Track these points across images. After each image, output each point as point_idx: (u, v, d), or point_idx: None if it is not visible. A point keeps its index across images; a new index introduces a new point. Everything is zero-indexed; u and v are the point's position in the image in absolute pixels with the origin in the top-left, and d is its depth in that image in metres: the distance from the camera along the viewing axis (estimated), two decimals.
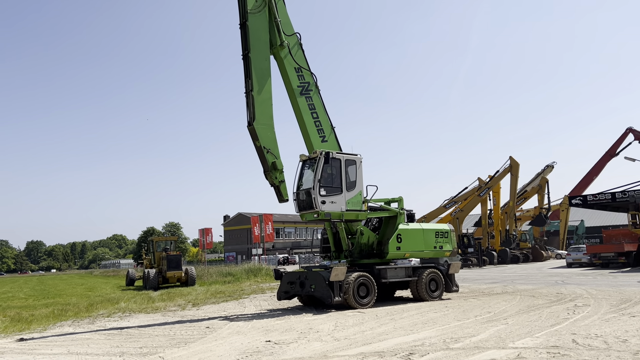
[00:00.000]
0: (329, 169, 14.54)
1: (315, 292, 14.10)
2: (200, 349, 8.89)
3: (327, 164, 14.39)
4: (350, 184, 14.88)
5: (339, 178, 14.71)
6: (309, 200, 14.37)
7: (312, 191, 14.20)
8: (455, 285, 16.36)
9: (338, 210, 14.48)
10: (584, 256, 32.39)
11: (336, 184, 14.66)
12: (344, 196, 14.65)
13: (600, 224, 63.02)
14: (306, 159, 15.10)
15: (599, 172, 59.45)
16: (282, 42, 14.82)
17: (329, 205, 14.30)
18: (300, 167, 15.22)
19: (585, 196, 32.38)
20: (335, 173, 14.71)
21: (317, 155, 14.47)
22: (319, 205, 14.11)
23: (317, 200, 14.11)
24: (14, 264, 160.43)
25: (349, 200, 14.72)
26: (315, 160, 14.49)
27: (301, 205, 14.84)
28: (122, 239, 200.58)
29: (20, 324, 13.67)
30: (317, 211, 14.14)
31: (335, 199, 14.48)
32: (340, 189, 14.65)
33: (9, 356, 9.03)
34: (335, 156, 14.67)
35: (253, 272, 34.29)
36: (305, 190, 14.67)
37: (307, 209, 14.57)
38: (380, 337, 9.26)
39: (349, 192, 14.78)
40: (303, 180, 15.04)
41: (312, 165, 14.73)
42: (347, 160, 14.97)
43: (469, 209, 42.87)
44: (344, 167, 14.81)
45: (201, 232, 68.29)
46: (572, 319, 10.37)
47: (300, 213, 15.05)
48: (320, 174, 14.25)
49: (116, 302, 19.38)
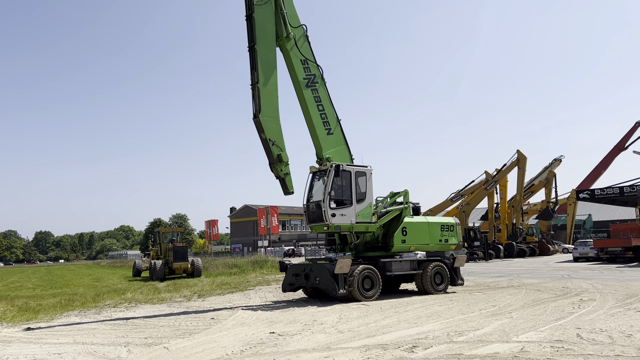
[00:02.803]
0: (339, 181, 14.52)
1: (320, 284, 14.13)
2: (205, 339, 8.94)
3: (337, 176, 14.36)
4: (360, 196, 14.82)
5: (349, 190, 14.67)
6: (319, 213, 14.36)
7: (322, 204, 14.21)
8: (460, 279, 16.34)
9: (348, 223, 14.46)
10: (591, 250, 32.26)
11: (346, 196, 14.64)
12: (354, 208, 14.61)
13: (607, 219, 62.71)
14: (316, 171, 15.08)
15: (607, 166, 59.02)
16: (288, 34, 14.76)
17: (339, 217, 14.30)
18: (310, 179, 15.20)
19: (593, 190, 32.12)
20: (346, 185, 14.68)
21: (328, 167, 14.46)
22: (329, 218, 14.13)
23: (327, 213, 14.12)
24: (23, 254, 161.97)
25: (359, 213, 14.69)
26: (326, 172, 14.50)
27: (311, 217, 14.85)
28: (130, 230, 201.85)
29: (27, 314, 13.81)
30: (327, 224, 14.16)
31: (346, 212, 14.47)
32: (350, 202, 14.62)
33: (16, 345, 9.12)
34: (346, 168, 14.65)
35: (259, 264, 34.43)
36: (315, 203, 14.68)
37: (317, 221, 14.59)
38: (384, 329, 9.28)
39: (359, 204, 14.74)
40: (313, 192, 15.05)
41: (322, 176, 14.74)
42: (357, 172, 14.92)
43: (475, 202, 42.73)
44: (354, 179, 14.77)
45: (207, 223, 68.63)
46: (577, 314, 10.33)
47: (310, 225, 15.08)
48: (330, 186, 14.25)
49: (123, 293, 19.54)
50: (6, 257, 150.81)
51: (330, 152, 15.07)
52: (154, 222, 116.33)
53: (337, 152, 15.25)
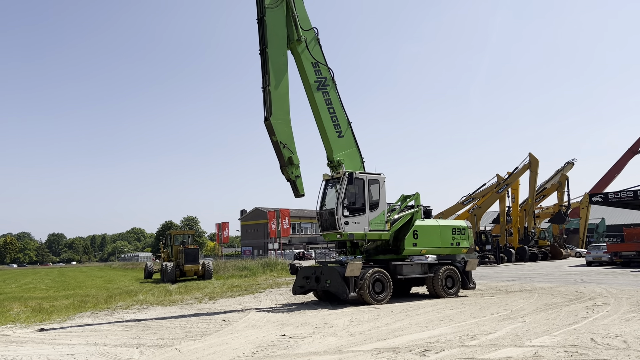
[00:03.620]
0: (352, 189, 14.52)
1: (331, 287, 14.11)
2: (216, 341, 8.96)
3: (350, 184, 14.38)
4: (373, 204, 14.80)
5: (362, 198, 14.65)
6: (332, 221, 14.36)
7: (335, 212, 14.20)
8: (472, 283, 16.24)
9: (361, 231, 14.44)
10: (604, 255, 31.92)
11: (359, 204, 14.62)
12: (367, 216, 14.58)
13: (621, 222, 61.89)
14: (329, 179, 15.07)
15: (620, 169, 58.49)
16: (300, 37, 14.80)
17: (352, 225, 14.29)
18: (323, 187, 15.21)
19: (606, 194, 31.80)
20: (359, 193, 14.67)
21: (341, 175, 14.46)
22: (342, 226, 14.12)
23: (340, 221, 14.11)
24: (36, 255, 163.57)
25: (372, 221, 14.66)
26: (339, 180, 14.49)
27: (324, 225, 14.85)
28: (141, 233, 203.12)
29: (41, 315, 13.93)
30: (341, 232, 14.16)
31: (359, 220, 14.45)
32: (363, 210, 14.59)
33: (30, 345, 9.21)
34: (359, 176, 14.65)
35: (269, 266, 34.47)
36: (328, 211, 14.68)
37: (330, 229, 14.58)
38: (396, 333, 9.24)
39: (372, 212, 14.71)
40: (326, 200, 15.05)
41: (335, 184, 14.73)
42: (370, 180, 14.90)
43: (487, 205, 42.46)
44: (367, 186, 14.75)
45: (218, 226, 68.86)
46: (591, 318, 10.22)
47: (323, 233, 15.09)
48: (343, 194, 14.25)
49: (134, 295, 19.65)
50: (20, 259, 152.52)
51: (341, 155, 15.06)
52: (165, 225, 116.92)
53: (348, 155, 15.23)
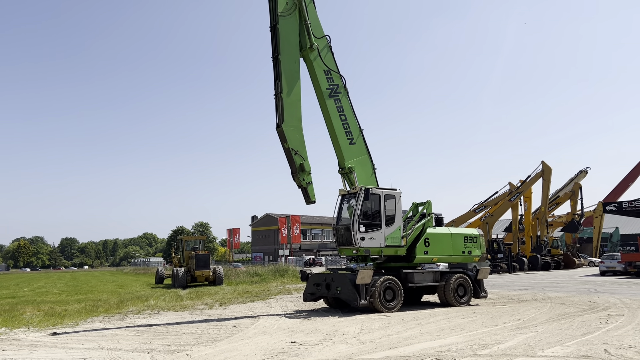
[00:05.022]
0: (368, 205, 14.52)
1: (341, 294, 14.08)
2: (226, 347, 8.99)
3: (366, 199, 14.38)
4: (389, 219, 14.78)
5: (379, 214, 14.65)
6: (348, 236, 14.36)
7: (351, 227, 14.20)
8: (483, 291, 16.11)
9: (377, 247, 14.42)
10: (618, 264, 31.52)
11: (376, 219, 14.61)
12: (383, 232, 14.56)
13: (635, 232, 61.07)
14: (345, 194, 15.10)
15: (635, 178, 57.81)
16: (312, 44, 14.87)
17: (368, 241, 14.27)
18: (339, 202, 15.23)
19: (620, 203, 31.61)
20: (375, 208, 14.66)
21: (357, 191, 14.47)
22: (358, 242, 14.11)
23: (356, 236, 14.10)
24: (49, 259, 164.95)
25: (388, 236, 14.64)
26: (355, 195, 14.50)
27: (340, 240, 14.87)
28: (153, 238, 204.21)
29: (53, 319, 14.07)
30: (357, 247, 14.15)
31: (375, 235, 14.43)
32: (379, 225, 14.57)
33: (42, 349, 9.30)
34: (375, 192, 14.65)
35: (280, 272, 34.47)
36: (344, 226, 14.69)
37: (346, 244, 14.60)
38: (406, 341, 9.20)
39: (387, 227, 14.69)
40: (342, 215, 15.06)
41: (351, 199, 14.75)
42: (386, 195, 14.89)
43: (499, 213, 42.19)
44: (383, 202, 14.74)
45: (229, 232, 69.06)
46: (605, 329, 10.10)
47: (339, 248, 15.10)
48: (360, 210, 14.25)
49: (146, 300, 19.76)
50: (33, 263, 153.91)
51: (352, 162, 15.08)
52: (176, 230, 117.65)
53: (359, 162, 15.25)
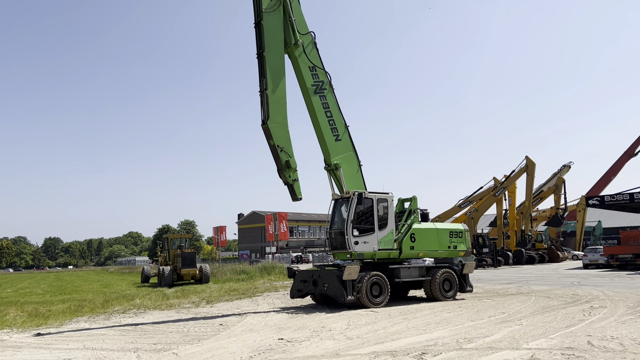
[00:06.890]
0: (361, 209, 14.59)
1: (328, 290, 14.11)
2: (213, 345, 8.96)
3: (359, 204, 14.46)
4: (382, 223, 14.86)
5: (371, 218, 14.72)
6: (342, 241, 14.41)
7: (345, 232, 14.27)
8: (469, 286, 16.26)
9: (370, 250, 14.50)
10: (601, 257, 31.97)
11: (368, 223, 14.68)
12: (376, 236, 14.65)
13: (618, 225, 62.02)
14: (338, 198, 15.13)
15: (617, 172, 58.69)
16: (297, 41, 14.84)
17: (361, 245, 14.34)
18: (332, 206, 15.27)
19: (602, 197, 31.92)
20: (368, 213, 14.73)
21: (350, 195, 14.52)
22: (352, 246, 14.17)
23: (350, 241, 14.16)
24: (32, 260, 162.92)
25: (381, 240, 14.73)
26: (348, 199, 14.55)
27: (334, 244, 14.92)
28: (138, 237, 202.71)
29: (37, 319, 13.90)
30: (350, 252, 14.21)
31: (368, 239, 14.51)
32: (372, 229, 14.65)
33: (26, 350, 9.19)
34: (368, 196, 14.73)
35: (267, 270, 34.47)
36: (338, 231, 14.75)
37: (339, 249, 14.65)
38: (393, 336, 9.25)
39: (381, 231, 14.78)
40: (336, 220, 15.11)
41: (344, 204, 14.79)
42: (379, 199, 14.97)
43: (484, 208, 42.54)
44: (375, 206, 14.81)
45: (215, 230, 68.68)
46: (588, 321, 10.25)
47: (332, 252, 15.14)
48: (353, 214, 14.31)
49: (131, 299, 19.62)
50: (16, 263, 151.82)
51: (338, 158, 15.11)
52: (162, 229, 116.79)
53: (345, 159, 15.29)
